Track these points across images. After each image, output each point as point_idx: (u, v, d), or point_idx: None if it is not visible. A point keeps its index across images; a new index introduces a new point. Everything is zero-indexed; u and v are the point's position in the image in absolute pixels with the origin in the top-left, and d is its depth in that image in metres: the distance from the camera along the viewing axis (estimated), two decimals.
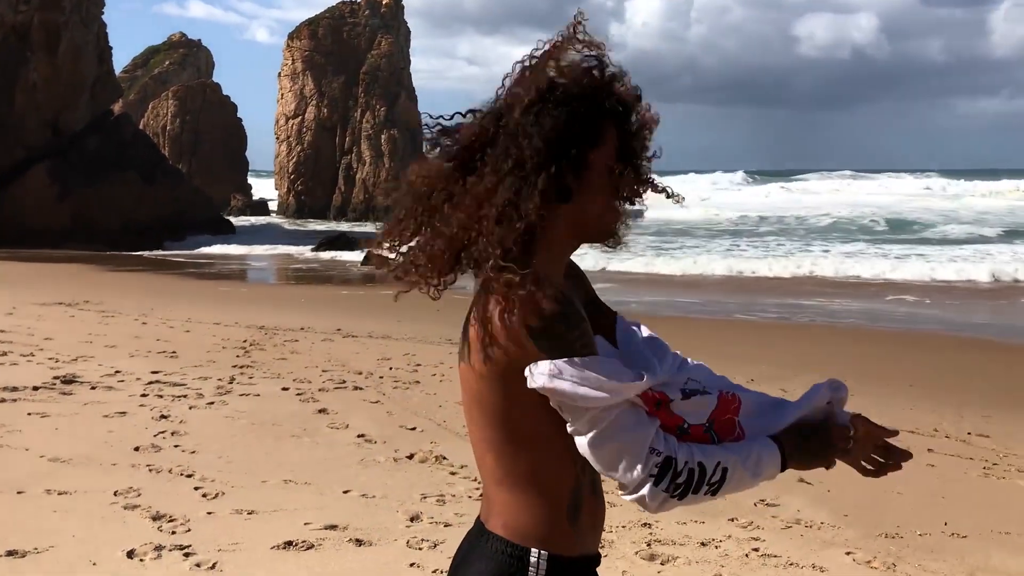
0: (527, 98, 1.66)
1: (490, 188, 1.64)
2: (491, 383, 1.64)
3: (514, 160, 1.63)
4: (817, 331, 14.60)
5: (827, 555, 4.78)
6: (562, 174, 1.63)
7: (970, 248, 30.13)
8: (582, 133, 1.64)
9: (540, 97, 1.65)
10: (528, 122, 1.64)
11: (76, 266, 25.61)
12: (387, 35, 63.53)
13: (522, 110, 1.65)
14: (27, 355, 9.48)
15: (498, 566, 1.68)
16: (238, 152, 68.11)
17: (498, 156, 1.65)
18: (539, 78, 1.67)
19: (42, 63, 37.98)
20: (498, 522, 1.71)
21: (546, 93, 1.66)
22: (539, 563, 1.67)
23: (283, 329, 12.42)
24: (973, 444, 7.28)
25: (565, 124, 1.63)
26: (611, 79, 1.69)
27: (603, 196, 1.69)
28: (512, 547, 1.69)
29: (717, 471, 1.63)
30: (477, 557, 1.72)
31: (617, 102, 1.68)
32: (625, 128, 1.69)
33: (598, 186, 1.67)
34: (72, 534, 4.62)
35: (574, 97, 1.65)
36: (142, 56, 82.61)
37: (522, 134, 1.64)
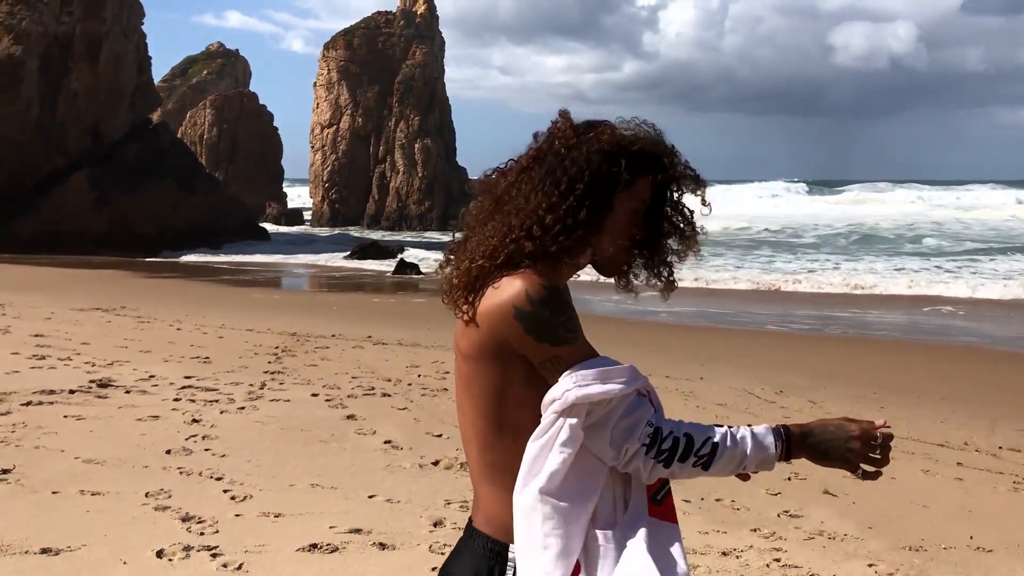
0: (577, 126, 1.82)
1: (524, 200, 1.77)
2: (479, 364, 1.73)
3: (552, 181, 1.77)
4: (849, 342, 14.49)
5: (849, 567, 4.77)
6: (592, 208, 1.76)
7: None
8: (614, 177, 1.77)
9: (589, 129, 1.81)
10: (574, 154, 1.78)
11: (113, 272, 26.04)
12: (422, 45, 63.97)
13: (566, 141, 1.80)
14: (64, 359, 9.68)
15: (480, 562, 1.75)
16: (273, 161, 68.87)
17: (542, 175, 1.78)
18: (597, 121, 1.85)
19: (83, 72, 38.73)
20: (482, 518, 1.78)
21: (597, 128, 1.81)
22: (516, 559, 1.72)
23: (314, 336, 12.55)
24: (1004, 459, 7.20)
25: (605, 165, 1.77)
26: (666, 147, 1.84)
27: (620, 240, 1.80)
28: (493, 543, 1.75)
29: (706, 445, 1.70)
30: (463, 554, 1.80)
31: (661, 166, 1.81)
32: (663, 194, 1.82)
33: (616, 229, 1.79)
34: (104, 533, 4.73)
35: (622, 143, 1.80)
36: (180, 66, 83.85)
37: (568, 160, 1.77)
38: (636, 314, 16.35)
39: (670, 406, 1.92)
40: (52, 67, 37.70)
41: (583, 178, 1.74)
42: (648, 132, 1.83)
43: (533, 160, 1.80)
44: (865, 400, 9.30)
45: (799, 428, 1.77)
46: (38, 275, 23.52)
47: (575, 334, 1.70)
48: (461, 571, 1.77)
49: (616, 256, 1.82)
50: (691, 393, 9.24)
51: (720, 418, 8.25)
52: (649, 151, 1.80)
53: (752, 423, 7.69)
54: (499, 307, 1.70)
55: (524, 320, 1.68)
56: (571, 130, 1.80)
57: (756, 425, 1.80)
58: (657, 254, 1.85)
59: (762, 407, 8.80)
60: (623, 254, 1.83)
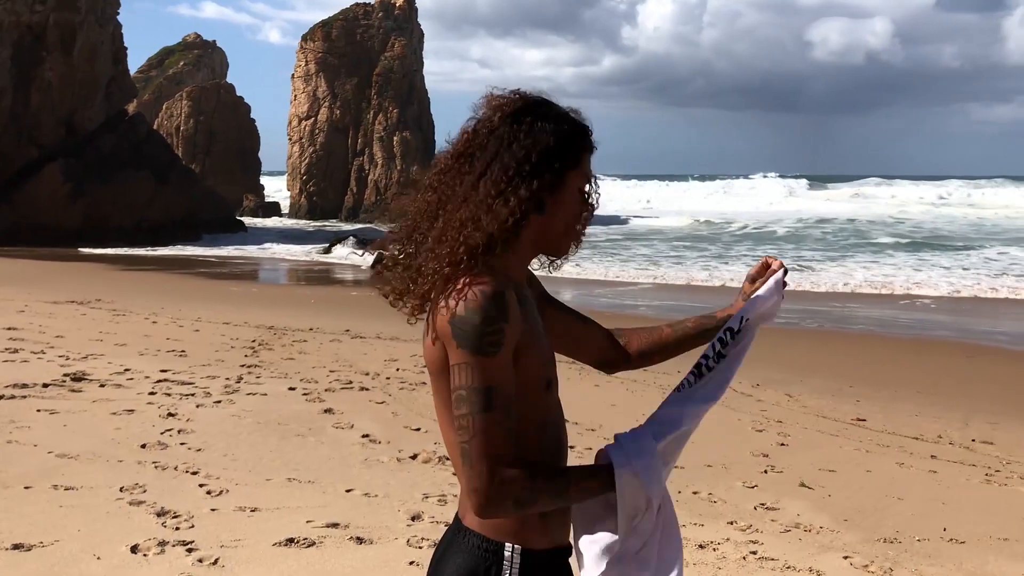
0: (515, 106, 1.72)
1: (471, 189, 1.72)
2: (440, 378, 1.71)
3: (500, 166, 1.70)
4: (825, 336, 14.58)
5: (825, 559, 4.80)
6: (542, 187, 1.72)
7: None
8: (566, 153, 1.74)
9: (527, 108, 1.74)
10: (519, 131, 1.71)
11: (88, 265, 25.80)
12: (400, 37, 63.70)
13: (510, 116, 1.73)
14: (38, 352, 9.58)
15: (474, 561, 1.73)
16: (251, 153, 68.37)
17: (487, 159, 1.72)
18: (528, 95, 1.79)
19: (57, 63, 38.27)
20: (472, 516, 1.75)
21: (534, 107, 1.75)
22: (513, 557, 1.72)
23: (292, 329, 12.49)
24: (977, 451, 7.28)
25: (554, 141, 1.73)
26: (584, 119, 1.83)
27: (570, 216, 1.79)
28: (487, 542, 1.73)
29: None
30: (454, 552, 1.77)
31: (590, 140, 1.83)
32: (589, 168, 1.82)
33: (568, 206, 1.78)
34: (77, 529, 4.69)
35: (562, 118, 1.77)
36: (157, 56, 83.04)
37: (514, 141, 1.71)
38: (615, 308, 16.40)
39: (649, 400, 1.92)
40: (25, 57, 37.24)
41: (532, 159, 1.70)
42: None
43: (472, 146, 1.75)
44: (841, 394, 9.37)
45: None
46: (11, 268, 23.25)
47: (497, 348, 1.64)
48: (454, 570, 1.74)
49: (568, 236, 1.81)
50: (668, 386, 9.25)
51: None
52: (584, 124, 1.81)
53: (728, 416, 7.76)
54: (446, 323, 1.66)
55: (456, 328, 1.64)
56: (512, 110, 1.75)
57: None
58: (584, 231, 1.85)
59: (738, 400, 8.85)
60: (574, 234, 1.82)
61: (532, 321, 1.74)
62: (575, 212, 1.80)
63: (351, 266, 29.36)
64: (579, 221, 1.82)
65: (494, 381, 1.63)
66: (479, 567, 1.72)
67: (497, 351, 1.63)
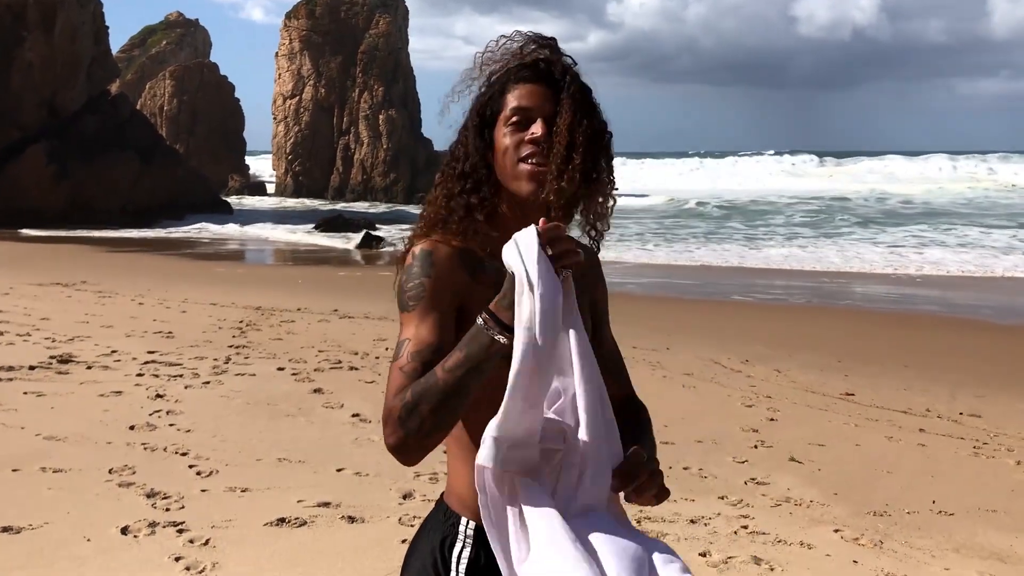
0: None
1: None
2: None
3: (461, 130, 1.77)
4: (814, 312, 14.63)
5: (815, 532, 4.83)
6: (472, 138, 1.73)
7: None
8: (488, 97, 1.73)
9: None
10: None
11: (73, 247, 25.61)
12: (385, 14, 63.22)
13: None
14: (23, 335, 9.51)
15: (440, 533, 1.72)
16: (235, 132, 67.92)
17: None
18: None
19: (38, 43, 37.80)
20: (446, 489, 1.76)
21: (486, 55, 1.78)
22: (466, 531, 1.69)
23: (279, 310, 12.44)
24: (964, 424, 7.32)
25: (484, 88, 1.75)
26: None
27: (506, 155, 1.70)
28: (450, 514, 1.72)
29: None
30: (428, 526, 1.77)
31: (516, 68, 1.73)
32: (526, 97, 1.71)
33: (500, 145, 1.71)
34: (67, 511, 4.66)
35: (491, 74, 1.76)
36: (139, 36, 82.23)
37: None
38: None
39: (637, 376, 1.85)
40: (5, 37, 36.75)
41: (467, 118, 1.79)
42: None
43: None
44: (829, 369, 9.41)
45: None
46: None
47: (416, 302, 1.62)
48: (425, 543, 1.74)
49: (516, 177, 1.73)
50: (658, 363, 9.29)
51: (687, 388, 8.31)
52: (523, 57, 1.79)
53: (718, 392, 7.77)
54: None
55: (395, 284, 1.69)
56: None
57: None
58: (538, 163, 1.78)
59: (728, 376, 8.87)
60: (522, 173, 1.73)
61: (490, 285, 1.62)
62: (509, 145, 1.68)
63: (338, 245, 29.25)
64: (519, 155, 1.67)
65: (408, 334, 1.61)
66: (444, 539, 1.71)
67: (417, 304, 1.62)
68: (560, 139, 1.63)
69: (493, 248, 1.65)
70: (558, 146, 1.62)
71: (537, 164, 1.65)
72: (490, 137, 1.71)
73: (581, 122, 1.64)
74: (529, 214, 1.65)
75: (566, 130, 1.63)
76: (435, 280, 1.63)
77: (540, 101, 1.67)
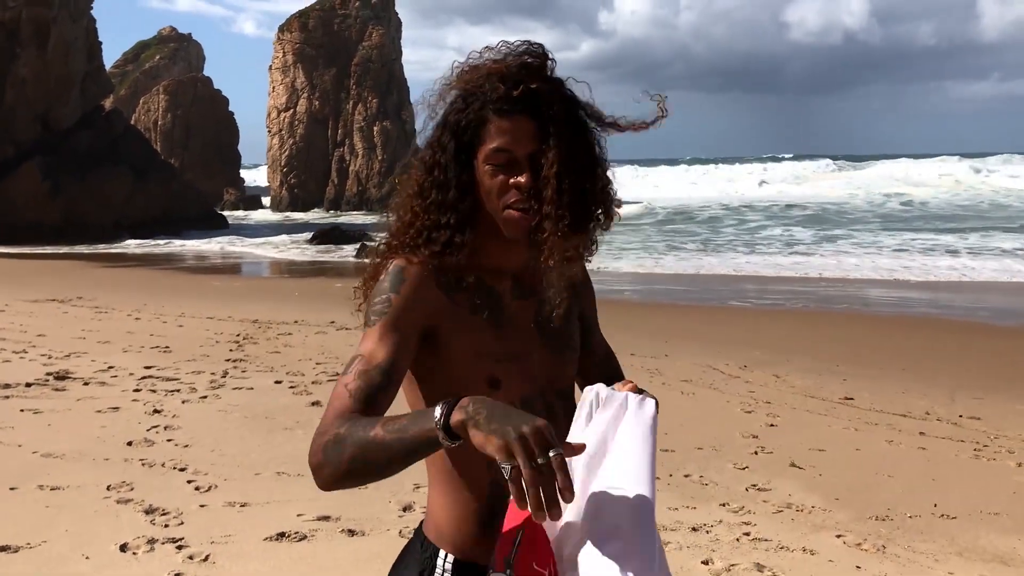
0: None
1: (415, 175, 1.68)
2: None
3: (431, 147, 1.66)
4: (811, 316, 14.63)
5: (818, 538, 4.81)
6: (452, 167, 1.62)
7: None
8: (462, 129, 1.60)
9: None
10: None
11: (69, 262, 25.58)
12: (378, 26, 63.39)
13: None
14: (20, 352, 9.48)
15: (419, 565, 1.65)
16: (230, 146, 68.00)
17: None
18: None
19: (31, 59, 37.86)
20: (425, 519, 1.70)
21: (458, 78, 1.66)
22: (444, 565, 1.62)
23: (276, 323, 12.42)
24: (964, 426, 7.31)
25: (453, 117, 1.61)
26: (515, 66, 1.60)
27: (489, 195, 1.60)
28: (427, 545, 1.66)
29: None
30: (405, 558, 1.71)
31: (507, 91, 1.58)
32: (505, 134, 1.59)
33: (483, 184, 1.61)
34: (65, 529, 4.63)
35: (468, 93, 1.61)
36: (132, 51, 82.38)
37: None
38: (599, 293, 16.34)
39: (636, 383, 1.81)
40: None
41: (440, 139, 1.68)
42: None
43: None
44: (828, 373, 9.40)
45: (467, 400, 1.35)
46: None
47: (378, 318, 1.56)
48: (400, 572, 1.68)
49: (503, 219, 1.65)
50: (656, 370, 9.27)
51: (686, 394, 8.30)
52: (497, 84, 1.65)
53: (717, 398, 7.76)
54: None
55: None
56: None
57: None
58: (524, 205, 1.66)
59: (727, 382, 8.86)
60: (507, 217, 1.64)
61: (466, 307, 1.61)
62: (493, 188, 1.58)
63: (335, 256, 29.23)
64: (505, 201, 1.58)
65: (363, 349, 1.55)
66: (421, 573, 1.64)
67: (378, 320, 1.57)
68: (550, 191, 1.52)
69: (473, 271, 1.63)
70: (547, 200, 1.52)
71: (524, 213, 1.56)
72: (468, 160, 1.60)
73: (568, 166, 1.53)
74: (513, 246, 1.62)
75: (554, 179, 1.52)
76: (403, 299, 1.57)
77: (524, 139, 1.55)
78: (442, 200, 1.61)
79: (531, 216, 1.55)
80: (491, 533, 1.56)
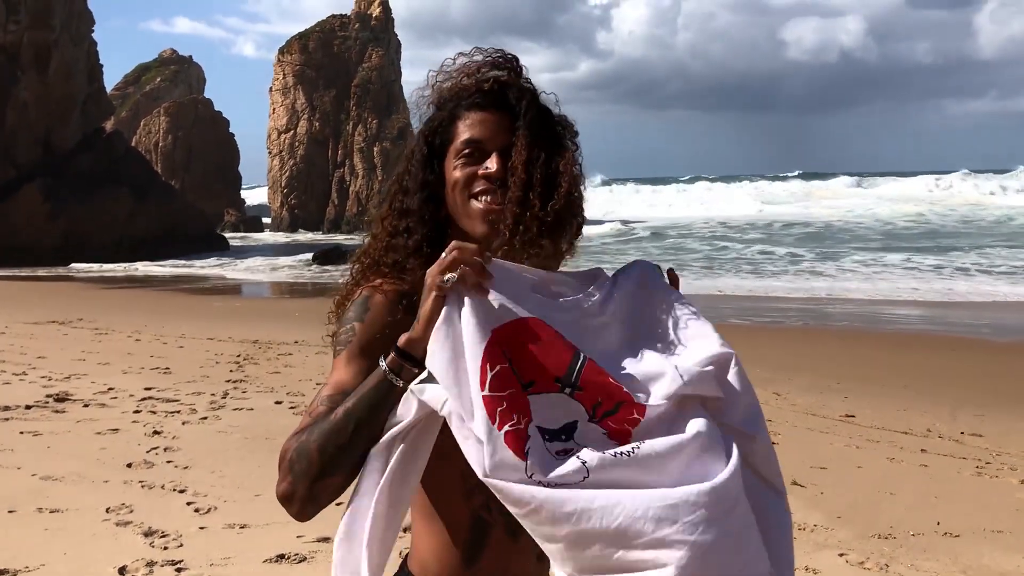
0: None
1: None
2: None
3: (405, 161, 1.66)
4: (811, 334, 14.62)
5: (820, 557, 4.78)
6: (418, 176, 1.61)
7: None
8: (431, 130, 1.61)
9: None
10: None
11: (69, 284, 25.60)
12: (377, 48, 63.70)
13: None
14: (19, 374, 9.47)
15: None
16: (230, 167, 68.21)
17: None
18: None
19: (33, 82, 38.05)
20: (409, 553, 1.67)
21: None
22: None
23: (277, 343, 12.41)
24: (966, 444, 7.29)
25: (424, 125, 1.63)
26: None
27: (457, 191, 1.57)
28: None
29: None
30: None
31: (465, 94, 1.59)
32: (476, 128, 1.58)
33: (450, 181, 1.58)
34: (64, 552, 4.61)
35: (441, 97, 1.62)
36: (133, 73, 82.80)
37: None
38: None
39: None
40: (0, 76, 36.96)
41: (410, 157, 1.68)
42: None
43: None
44: (829, 391, 9.38)
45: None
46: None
47: (344, 347, 1.52)
48: None
49: (468, 216, 1.62)
50: None
51: None
52: (470, 80, 1.65)
53: None
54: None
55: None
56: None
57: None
58: (491, 200, 1.64)
59: None
60: (474, 211, 1.61)
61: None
62: (460, 179, 1.55)
63: (335, 276, 29.21)
64: (471, 190, 1.54)
65: (330, 380, 1.50)
66: None
67: (343, 348, 1.53)
68: (516, 179, 1.49)
69: None
70: (514, 187, 1.48)
71: (491, 202, 1.52)
72: (439, 168, 1.58)
73: (538, 157, 1.50)
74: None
75: (522, 168, 1.49)
76: (368, 325, 1.53)
77: (494, 131, 1.54)
78: (404, 206, 1.60)
79: (497, 205, 1.51)
80: (474, 567, 1.55)
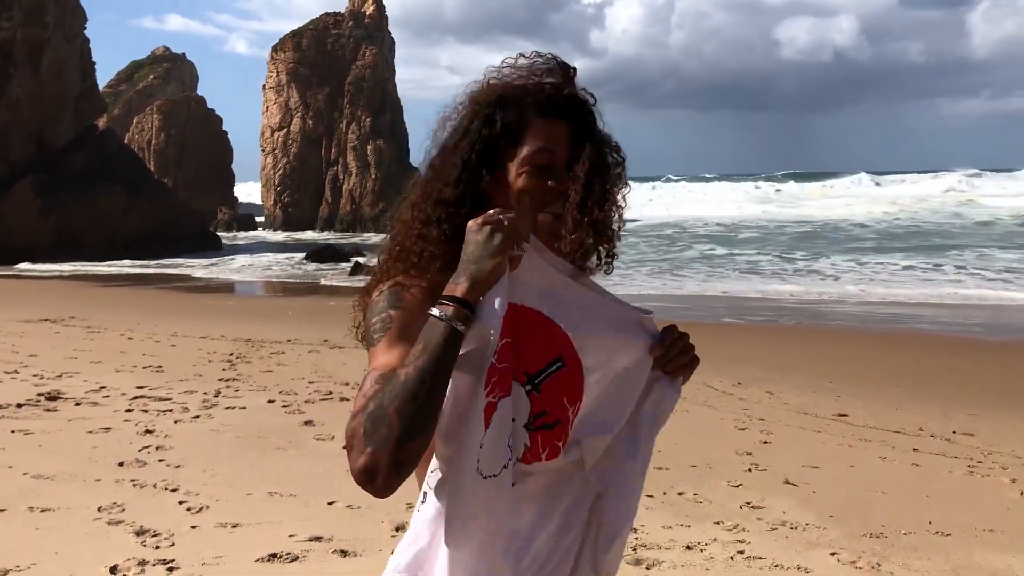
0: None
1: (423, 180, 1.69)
2: None
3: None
4: (805, 333, 14.65)
5: (812, 556, 4.79)
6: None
7: None
8: (507, 127, 1.60)
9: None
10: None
11: (62, 282, 25.52)
12: (371, 46, 63.61)
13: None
14: (11, 372, 9.43)
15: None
16: (223, 165, 68.06)
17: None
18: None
19: (25, 79, 37.93)
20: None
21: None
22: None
23: (269, 341, 12.38)
24: (958, 443, 7.31)
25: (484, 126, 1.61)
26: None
27: (517, 199, 1.59)
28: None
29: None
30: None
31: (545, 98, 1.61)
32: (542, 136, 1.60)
33: (510, 187, 1.60)
34: (55, 551, 4.59)
35: (507, 97, 1.62)
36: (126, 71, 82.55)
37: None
38: None
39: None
40: None
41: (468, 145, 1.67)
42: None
43: None
44: (822, 390, 9.40)
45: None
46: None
47: (382, 334, 1.54)
48: None
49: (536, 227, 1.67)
50: None
51: (679, 412, 8.28)
52: (533, 86, 1.66)
53: (711, 416, 7.74)
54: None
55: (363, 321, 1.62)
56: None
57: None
58: (570, 213, 1.66)
59: (720, 399, 8.85)
60: (546, 226, 1.65)
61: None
62: (528, 189, 1.58)
63: (328, 275, 29.20)
64: (541, 203, 1.58)
65: (375, 364, 1.52)
66: None
67: (382, 335, 1.54)
68: (577, 191, 1.55)
69: None
70: (574, 197, 1.54)
71: (557, 217, 1.57)
72: (493, 164, 1.60)
73: (602, 173, 1.57)
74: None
75: (584, 179, 1.55)
76: (403, 312, 1.55)
77: (564, 142, 1.58)
78: (443, 196, 1.62)
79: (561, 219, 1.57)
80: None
